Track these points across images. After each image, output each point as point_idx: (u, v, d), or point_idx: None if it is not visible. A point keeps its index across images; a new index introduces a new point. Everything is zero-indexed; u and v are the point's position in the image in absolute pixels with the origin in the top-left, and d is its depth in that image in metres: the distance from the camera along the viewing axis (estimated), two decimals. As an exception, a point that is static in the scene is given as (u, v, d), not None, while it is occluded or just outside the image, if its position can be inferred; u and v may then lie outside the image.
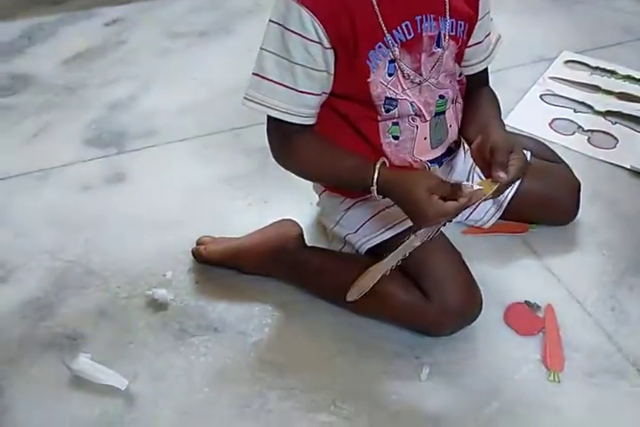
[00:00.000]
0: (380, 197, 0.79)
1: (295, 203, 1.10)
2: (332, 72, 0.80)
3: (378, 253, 0.91)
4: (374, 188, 0.78)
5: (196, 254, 1.00)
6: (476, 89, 0.95)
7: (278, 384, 0.85)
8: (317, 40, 0.76)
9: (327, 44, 0.76)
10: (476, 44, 0.90)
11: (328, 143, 0.84)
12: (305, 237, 1.01)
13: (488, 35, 0.91)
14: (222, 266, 0.99)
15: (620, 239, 1.06)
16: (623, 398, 0.84)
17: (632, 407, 0.83)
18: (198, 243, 1.01)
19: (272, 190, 1.14)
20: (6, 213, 1.12)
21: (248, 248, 0.97)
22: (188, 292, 0.97)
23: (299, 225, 0.99)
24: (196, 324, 0.93)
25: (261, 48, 0.78)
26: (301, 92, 0.79)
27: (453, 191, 0.74)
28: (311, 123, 0.83)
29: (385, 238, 0.91)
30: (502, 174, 0.76)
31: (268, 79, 0.79)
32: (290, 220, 1.00)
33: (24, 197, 1.15)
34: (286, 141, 0.84)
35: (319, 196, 1.00)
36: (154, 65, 1.48)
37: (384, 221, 0.92)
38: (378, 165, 0.78)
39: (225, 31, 1.58)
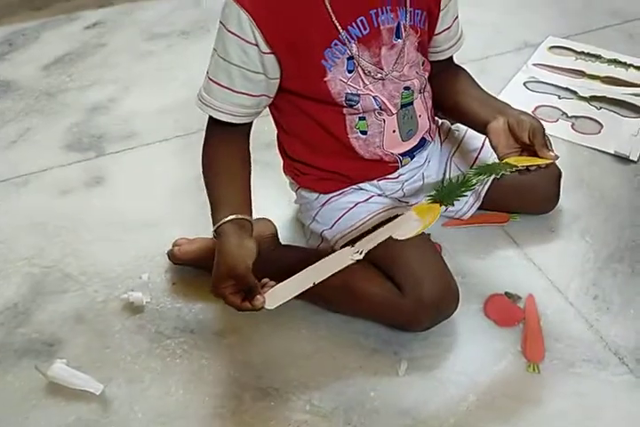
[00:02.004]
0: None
1: (273, 200, 1.09)
2: (275, 76, 0.79)
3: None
4: (213, 231, 0.78)
5: (171, 256, 0.99)
6: (447, 70, 0.93)
7: (254, 384, 0.85)
8: (254, 42, 0.75)
9: (265, 49, 0.75)
10: (446, 29, 0.89)
11: (235, 165, 0.83)
12: (283, 235, 1.00)
13: (456, 18, 0.89)
14: (197, 267, 0.98)
15: (603, 226, 1.04)
16: (605, 388, 0.83)
17: (614, 397, 0.82)
18: (174, 245, 1.00)
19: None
20: (-14, 221, 1.12)
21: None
22: (165, 294, 0.97)
23: (273, 224, 0.98)
24: (172, 326, 0.93)
25: (213, 48, 0.78)
26: (237, 92, 0.78)
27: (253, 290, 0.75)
28: (246, 121, 0.82)
29: (360, 233, 0.90)
30: (553, 152, 0.80)
31: (209, 79, 0.79)
32: (264, 219, 0.99)
33: (4, 203, 1.15)
34: (211, 134, 0.84)
35: (295, 193, 0.99)
36: (134, 67, 1.47)
37: (359, 216, 0.91)
38: (222, 221, 0.77)
39: (205, 30, 1.57)
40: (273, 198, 1.10)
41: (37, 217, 1.11)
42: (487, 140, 0.97)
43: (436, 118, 1.00)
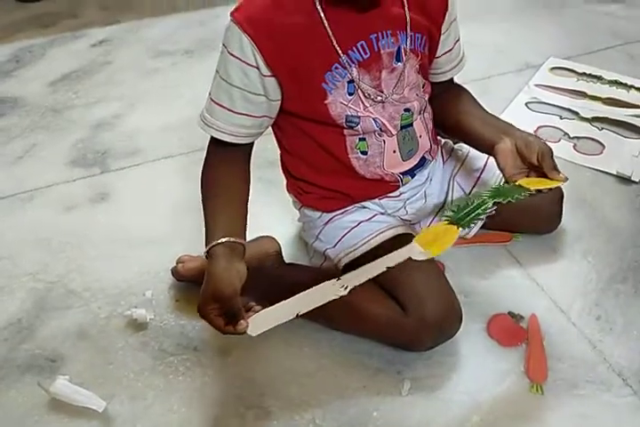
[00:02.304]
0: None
1: (277, 218, 1.10)
2: (276, 98, 0.80)
3: (356, 267, 0.91)
4: (204, 252, 0.78)
5: (175, 272, 1.00)
6: (448, 90, 0.94)
7: (256, 403, 0.85)
8: (255, 65, 0.76)
9: (266, 72, 0.76)
10: (447, 52, 0.90)
11: (233, 187, 0.84)
12: (287, 253, 1.00)
13: (457, 40, 0.91)
14: (201, 284, 0.98)
15: (605, 246, 1.05)
16: (608, 410, 0.82)
17: (617, 419, 0.81)
18: (178, 262, 1.00)
19: (254, 206, 1.12)
20: (-8, 235, 1.12)
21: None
22: (168, 311, 0.97)
23: (277, 242, 0.99)
24: (175, 343, 0.92)
25: (216, 69, 0.80)
26: (238, 113, 0.79)
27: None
28: (247, 142, 0.83)
29: (362, 252, 0.90)
30: (562, 174, 0.79)
31: (211, 100, 0.80)
32: (268, 236, 0.99)
33: (9, 218, 1.16)
34: (211, 154, 0.85)
35: (299, 211, 1.00)
36: (139, 84, 1.49)
37: (362, 235, 0.91)
38: (214, 243, 0.77)
39: (210, 49, 1.59)
40: (276, 216, 1.10)
41: (42, 233, 1.12)
42: (491, 160, 0.99)
43: (439, 138, 1.01)
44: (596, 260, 1.02)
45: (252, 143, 0.85)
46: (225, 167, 0.84)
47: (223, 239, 0.77)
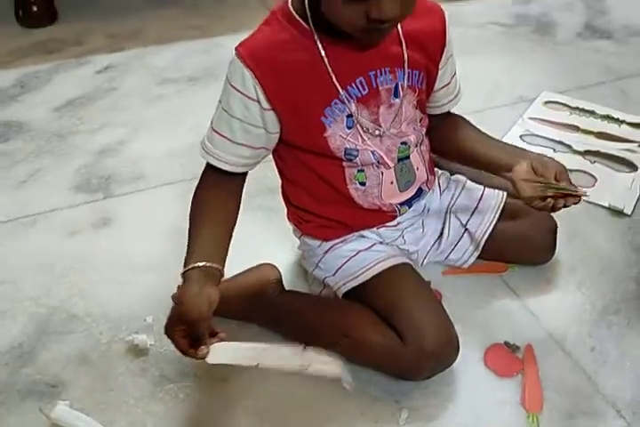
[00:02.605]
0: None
1: (277, 245, 1.11)
2: (274, 131, 0.83)
3: (355, 296, 0.92)
4: (181, 274, 0.79)
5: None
6: (445, 121, 0.98)
7: (256, 430, 0.85)
8: (256, 99, 0.79)
9: (266, 106, 0.80)
10: (444, 86, 0.93)
11: (221, 212, 0.85)
12: (286, 280, 1.02)
13: (454, 75, 0.94)
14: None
15: (598, 278, 1.07)
16: (602, 441, 0.84)
17: (611, 450, 0.83)
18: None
19: (254, 232, 1.15)
20: (-6, 260, 1.13)
21: (226, 294, 0.96)
22: (169, 337, 0.98)
23: (278, 269, 1.00)
24: (175, 370, 0.93)
25: (219, 100, 0.83)
26: (238, 143, 0.82)
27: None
28: (242, 171, 0.86)
29: (361, 281, 0.92)
30: (581, 188, 0.85)
31: (212, 129, 0.83)
32: (269, 264, 1.01)
33: (12, 242, 1.17)
34: (205, 178, 0.87)
35: (299, 239, 1.02)
36: (143, 111, 1.51)
37: (361, 264, 0.93)
38: (190, 266, 0.78)
39: (214, 77, 1.62)
40: (276, 243, 1.12)
41: (45, 257, 1.13)
42: (488, 190, 1.02)
43: (436, 169, 1.04)
44: (590, 291, 1.04)
45: (246, 173, 0.88)
46: (217, 193, 0.86)
47: (200, 263, 0.78)
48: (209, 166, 0.86)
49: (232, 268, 1.02)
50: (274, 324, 0.98)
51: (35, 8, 1.83)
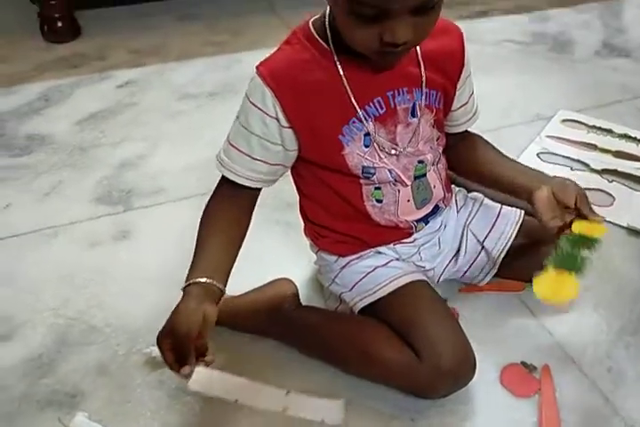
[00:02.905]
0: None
1: (293, 260, 1.12)
2: (292, 148, 0.84)
3: (371, 312, 0.93)
4: (182, 288, 0.80)
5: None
6: (463, 140, 0.99)
7: (272, 445, 0.86)
8: (275, 117, 0.80)
9: (285, 124, 0.81)
10: (462, 105, 0.94)
11: (231, 228, 0.86)
12: (303, 294, 1.03)
13: (472, 94, 0.95)
14: (218, 324, 1.00)
15: (616, 298, 1.06)
16: (620, 463, 0.83)
17: (629, 473, 0.82)
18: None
19: (271, 247, 1.16)
20: (16, 270, 1.15)
21: (244, 308, 0.99)
22: (187, 350, 0.99)
23: (294, 284, 1.01)
24: (192, 382, 0.94)
25: (236, 115, 0.84)
26: (255, 159, 0.84)
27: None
28: (258, 186, 0.87)
29: (378, 297, 0.92)
30: (600, 216, 0.87)
31: (230, 143, 0.84)
32: (285, 279, 1.02)
33: (34, 254, 1.19)
34: (219, 190, 0.88)
35: (315, 254, 1.02)
36: (163, 125, 1.54)
37: (377, 280, 0.94)
38: (192, 281, 0.79)
39: (233, 92, 1.64)
40: (293, 258, 1.13)
41: (65, 268, 1.14)
42: (505, 208, 1.03)
43: (452, 186, 1.04)
44: (607, 311, 1.04)
45: (260, 190, 0.88)
46: (229, 207, 0.87)
47: (202, 279, 0.78)
48: (224, 180, 0.87)
49: (249, 282, 1.04)
50: (290, 338, 0.98)
51: (59, 24, 1.87)
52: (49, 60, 1.81)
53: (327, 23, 0.79)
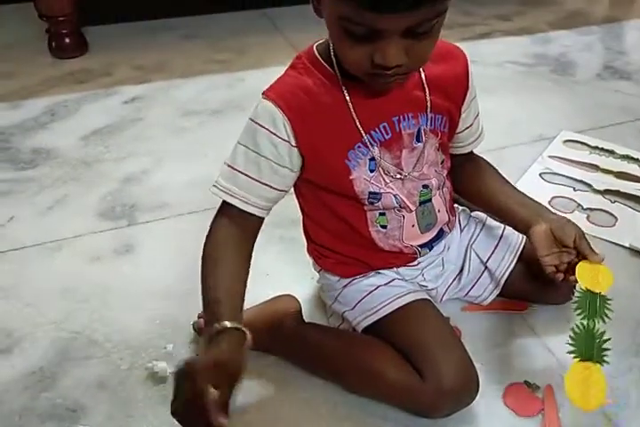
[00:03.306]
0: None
1: (296, 277, 1.12)
2: (297, 169, 0.84)
3: (374, 331, 0.93)
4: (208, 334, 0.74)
5: (197, 328, 1.02)
6: (468, 162, 0.99)
7: (273, 463, 0.85)
8: (286, 139, 0.80)
9: (294, 144, 0.81)
10: (467, 127, 0.95)
11: (241, 258, 0.82)
12: (305, 311, 1.02)
13: (476, 116, 0.96)
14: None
15: (619, 319, 1.05)
16: (624, 486, 0.82)
17: None
18: (200, 316, 1.03)
19: (274, 263, 1.16)
20: (19, 284, 1.15)
21: (246, 324, 0.98)
22: (188, 365, 0.98)
23: (297, 301, 1.01)
24: (194, 398, 0.93)
25: (237, 142, 0.83)
26: (263, 183, 0.82)
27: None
28: (262, 216, 0.85)
29: (381, 316, 0.92)
30: (599, 255, 0.87)
31: (236, 170, 0.82)
32: (289, 295, 1.02)
33: (37, 267, 1.19)
34: (219, 225, 0.83)
35: (318, 273, 1.02)
36: (168, 141, 1.55)
37: (380, 299, 0.94)
38: (232, 324, 0.74)
39: (239, 110, 1.66)
40: (296, 275, 1.13)
41: (68, 282, 1.14)
42: (508, 229, 1.03)
43: (456, 205, 1.05)
44: (610, 332, 1.03)
45: (263, 218, 0.86)
46: (239, 238, 0.83)
47: (238, 325, 0.74)
48: (229, 209, 0.83)
49: (251, 298, 1.02)
50: (291, 355, 0.98)
51: (67, 40, 1.90)
52: (56, 75, 1.83)
53: (332, 48, 0.79)
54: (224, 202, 0.84)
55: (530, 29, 2.13)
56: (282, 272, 1.15)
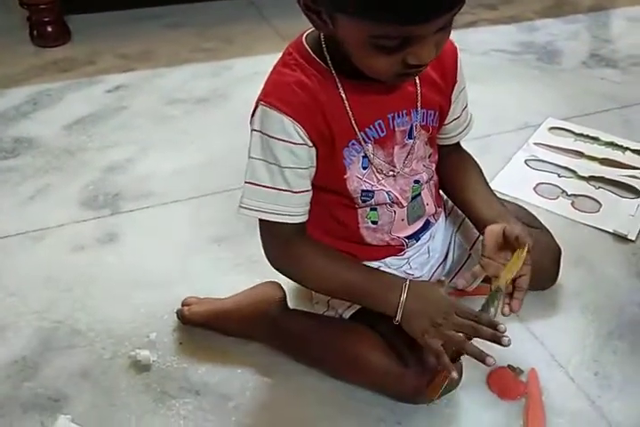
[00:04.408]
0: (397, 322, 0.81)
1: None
2: (315, 165, 0.82)
3: (359, 318, 0.92)
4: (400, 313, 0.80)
5: (180, 316, 1.01)
6: (454, 154, 0.98)
7: (257, 449, 0.85)
8: (302, 142, 0.78)
9: (310, 144, 0.79)
10: (455, 119, 0.94)
11: (334, 254, 0.86)
12: (290, 298, 1.02)
13: (465, 107, 0.95)
14: (205, 328, 1.00)
15: (603, 303, 1.07)
16: (606, 467, 0.83)
17: (615, 476, 0.82)
18: (183, 304, 1.02)
19: (260, 250, 1.15)
20: (2, 273, 1.14)
21: (231, 311, 0.98)
22: (172, 353, 0.98)
23: (282, 288, 1.00)
24: (177, 386, 0.93)
25: (250, 157, 0.80)
26: (296, 192, 0.80)
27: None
28: (306, 219, 0.84)
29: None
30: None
31: (262, 186, 0.80)
32: (273, 282, 1.01)
33: (20, 257, 1.18)
34: (287, 248, 0.84)
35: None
36: (153, 130, 1.53)
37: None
38: (407, 285, 0.81)
39: (223, 98, 1.64)
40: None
41: (51, 271, 1.13)
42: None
43: (441, 192, 1.04)
44: (594, 316, 1.04)
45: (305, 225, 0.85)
46: (311, 243, 0.85)
47: (405, 285, 0.81)
48: (276, 227, 0.82)
49: (239, 286, 1.03)
50: (276, 342, 0.98)
51: (49, 28, 1.87)
52: (38, 64, 1.81)
53: (324, 44, 0.77)
54: (267, 221, 0.82)
55: (516, 18, 2.13)
56: (267, 261, 1.14)
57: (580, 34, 2.03)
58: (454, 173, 0.97)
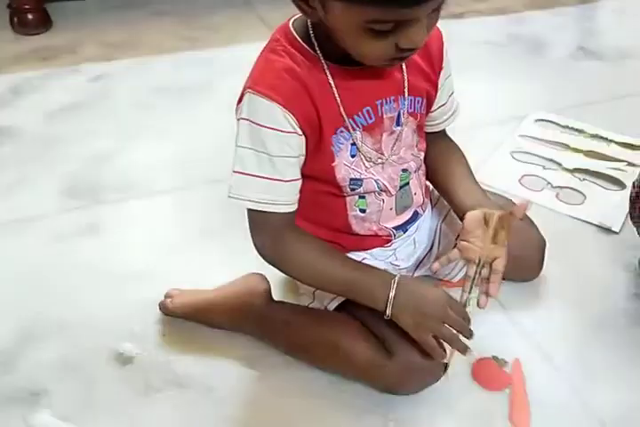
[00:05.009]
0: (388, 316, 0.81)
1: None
2: (304, 153, 0.81)
3: (345, 309, 0.92)
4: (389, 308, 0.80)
5: (163, 307, 1.00)
6: (440, 142, 0.98)
7: (241, 441, 0.84)
8: (292, 131, 0.77)
9: (300, 132, 0.78)
10: (441, 106, 0.93)
11: (324, 248, 0.85)
12: (275, 291, 1.01)
13: (451, 94, 0.94)
14: (189, 319, 0.99)
15: (587, 294, 1.07)
16: (589, 457, 0.83)
17: (598, 467, 0.83)
18: (166, 296, 1.01)
19: (245, 242, 1.14)
20: (-21, 265, 1.12)
21: (214, 303, 0.97)
22: (155, 345, 0.97)
23: (266, 279, 1.00)
24: (161, 378, 0.92)
25: (238, 146, 0.79)
26: (287, 181, 0.79)
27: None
28: (295, 209, 0.83)
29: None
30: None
31: (251, 175, 0.78)
32: (258, 274, 1.00)
33: (-1, 247, 1.16)
34: (276, 239, 0.83)
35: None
36: (136, 120, 1.51)
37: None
38: (396, 281, 0.81)
39: (208, 87, 1.62)
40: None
41: (31, 263, 1.12)
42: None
43: (428, 183, 1.04)
44: (578, 307, 1.05)
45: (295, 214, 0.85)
46: (303, 249, 0.84)
47: (395, 280, 0.81)
48: (265, 216, 0.81)
49: (222, 279, 1.02)
50: (261, 334, 0.97)
51: (30, 16, 1.83)
52: (19, 52, 1.78)
53: (311, 31, 0.76)
54: (257, 211, 0.81)
55: (504, 10, 2.12)
56: (252, 252, 1.13)
57: (568, 26, 2.02)
58: (439, 158, 0.97)
